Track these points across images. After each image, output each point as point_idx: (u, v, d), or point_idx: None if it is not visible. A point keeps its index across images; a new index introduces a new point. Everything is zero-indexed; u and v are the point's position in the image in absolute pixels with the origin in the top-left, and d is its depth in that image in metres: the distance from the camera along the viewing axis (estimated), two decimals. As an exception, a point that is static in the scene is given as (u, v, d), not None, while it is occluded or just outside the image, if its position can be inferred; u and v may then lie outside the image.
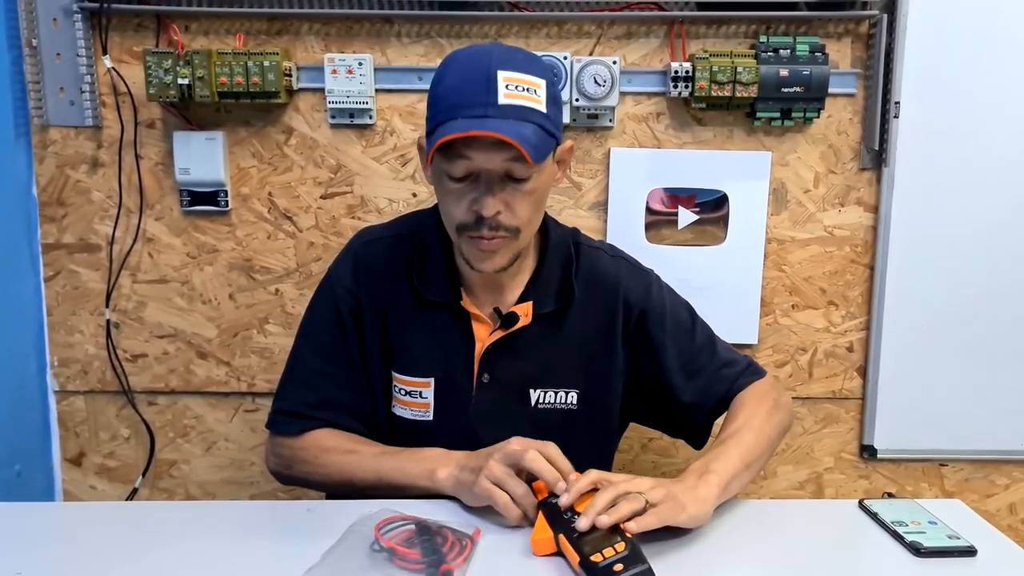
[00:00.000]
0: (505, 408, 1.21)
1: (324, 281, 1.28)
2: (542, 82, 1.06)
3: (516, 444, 1.02)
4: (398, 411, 1.23)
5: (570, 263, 1.24)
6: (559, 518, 0.95)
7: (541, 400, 1.23)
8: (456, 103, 1.04)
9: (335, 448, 1.18)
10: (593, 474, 0.99)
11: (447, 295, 1.20)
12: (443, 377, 1.21)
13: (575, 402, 1.24)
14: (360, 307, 1.23)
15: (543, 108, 1.06)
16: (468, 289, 1.21)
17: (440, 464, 1.08)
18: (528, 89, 1.04)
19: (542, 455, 1.00)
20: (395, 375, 1.23)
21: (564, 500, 0.95)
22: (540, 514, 0.98)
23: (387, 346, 1.23)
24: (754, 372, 1.27)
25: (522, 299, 1.21)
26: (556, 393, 1.23)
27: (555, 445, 1.03)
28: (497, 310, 1.20)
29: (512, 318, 1.19)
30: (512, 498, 0.99)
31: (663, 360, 1.25)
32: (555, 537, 0.93)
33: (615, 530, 0.90)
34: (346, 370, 1.22)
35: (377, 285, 1.23)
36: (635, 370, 1.28)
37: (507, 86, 1.03)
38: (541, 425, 1.20)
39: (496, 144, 1.02)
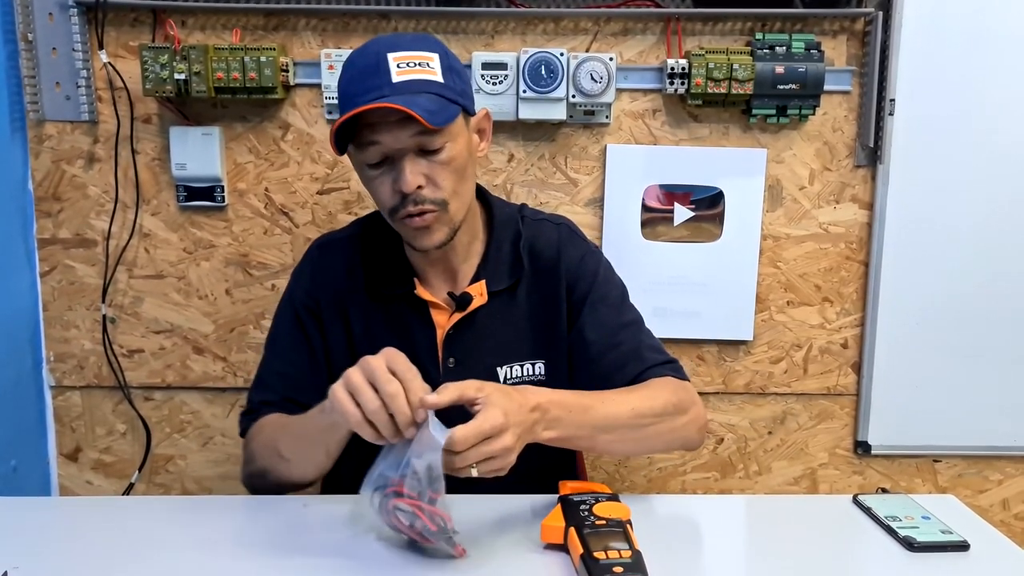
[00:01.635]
0: None
1: (286, 288, 1.30)
2: (434, 55, 1.09)
3: (375, 361, 0.91)
4: None
5: (518, 237, 1.25)
6: (575, 514, 0.96)
7: (509, 376, 1.23)
8: (353, 93, 1.07)
9: (271, 425, 1.17)
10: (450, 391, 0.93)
11: (401, 287, 1.21)
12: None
13: (543, 373, 1.24)
14: (319, 308, 1.24)
15: (439, 78, 1.08)
16: (422, 279, 1.23)
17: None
18: (420, 64, 1.07)
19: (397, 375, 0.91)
20: None
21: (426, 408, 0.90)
22: (559, 506, 1.00)
23: (351, 346, 1.23)
24: (676, 370, 1.21)
25: (475, 280, 1.22)
26: (523, 366, 1.23)
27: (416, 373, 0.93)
28: (451, 294, 1.21)
29: (466, 299, 1.20)
30: (364, 412, 0.90)
31: (583, 329, 1.23)
32: (566, 529, 0.95)
33: (626, 538, 0.92)
34: (308, 372, 1.23)
35: (334, 286, 1.24)
36: (572, 335, 1.26)
37: (398, 65, 1.06)
38: None
39: (399, 121, 1.04)
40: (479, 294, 1.21)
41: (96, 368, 1.75)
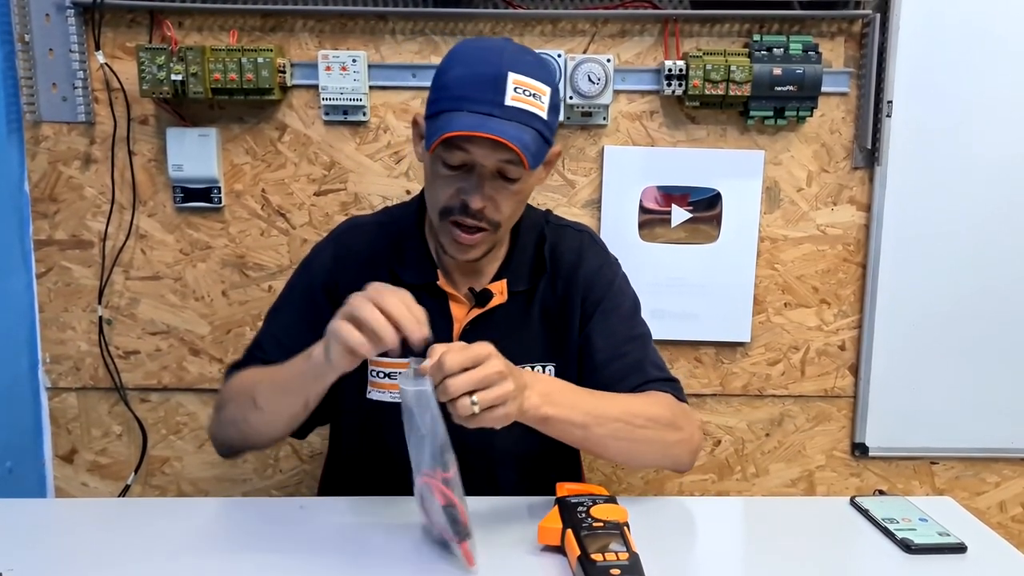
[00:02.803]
0: None
1: (304, 260, 1.29)
2: (548, 89, 1.09)
3: (370, 294, 0.95)
4: (375, 395, 1.23)
5: (542, 240, 1.26)
6: (572, 515, 0.96)
7: None
8: (463, 95, 1.06)
9: (249, 375, 1.16)
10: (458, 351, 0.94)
11: (423, 277, 1.21)
12: (424, 358, 1.21)
13: (553, 375, 1.24)
14: (336, 288, 1.22)
15: (544, 115, 1.08)
16: (444, 272, 1.23)
17: (319, 344, 1.02)
18: (534, 95, 1.07)
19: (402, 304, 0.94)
20: (374, 359, 1.23)
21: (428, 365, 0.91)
22: (556, 508, 0.99)
23: None
24: (676, 390, 1.21)
25: (496, 278, 1.23)
26: (534, 368, 1.23)
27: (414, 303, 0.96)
28: (472, 289, 1.21)
29: (486, 295, 1.20)
30: (370, 329, 0.92)
31: (592, 334, 1.24)
32: (563, 531, 0.94)
33: (623, 540, 0.92)
34: (305, 346, 1.20)
35: (356, 271, 1.23)
36: (580, 339, 1.27)
37: (515, 89, 1.05)
38: None
39: (496, 144, 1.04)
40: (499, 292, 1.21)
41: (92, 370, 1.74)
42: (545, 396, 1.00)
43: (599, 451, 1.10)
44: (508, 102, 1.05)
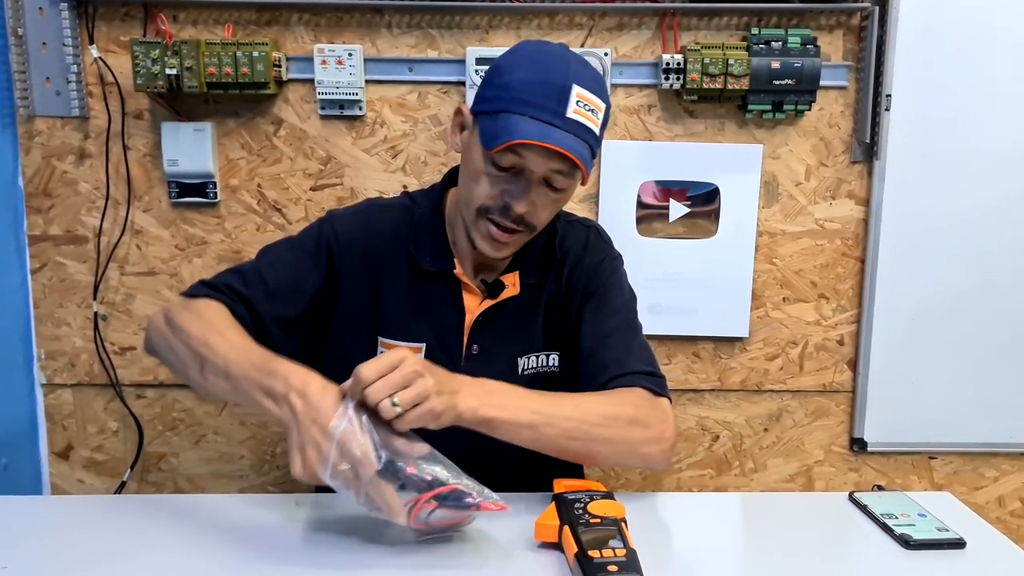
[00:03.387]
0: (493, 378, 1.21)
1: (318, 220, 1.27)
2: (604, 106, 1.11)
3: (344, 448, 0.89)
4: None
5: (553, 234, 1.27)
6: (570, 512, 0.96)
7: (527, 367, 1.24)
8: (527, 100, 1.06)
9: (215, 320, 1.09)
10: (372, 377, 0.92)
11: (440, 264, 1.22)
12: (434, 344, 1.22)
13: (556, 364, 1.25)
14: (343, 258, 1.22)
15: (597, 131, 1.10)
16: (460, 261, 1.23)
17: (288, 383, 0.94)
18: (593, 111, 1.08)
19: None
20: (383, 340, 1.23)
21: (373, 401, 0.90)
22: (553, 504, 0.99)
23: (376, 311, 1.23)
24: (658, 385, 1.16)
25: (509, 270, 1.24)
26: (538, 357, 1.25)
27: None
28: (485, 280, 1.22)
29: (499, 286, 1.21)
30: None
31: (582, 324, 1.24)
32: (560, 528, 0.94)
33: (620, 536, 0.91)
34: (283, 294, 1.19)
35: (375, 249, 1.24)
36: (572, 329, 1.27)
37: (578, 102, 1.07)
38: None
39: (550, 153, 1.05)
40: (512, 284, 1.22)
41: (88, 366, 1.74)
42: (484, 398, 0.98)
43: (555, 453, 1.07)
44: (569, 114, 1.06)
